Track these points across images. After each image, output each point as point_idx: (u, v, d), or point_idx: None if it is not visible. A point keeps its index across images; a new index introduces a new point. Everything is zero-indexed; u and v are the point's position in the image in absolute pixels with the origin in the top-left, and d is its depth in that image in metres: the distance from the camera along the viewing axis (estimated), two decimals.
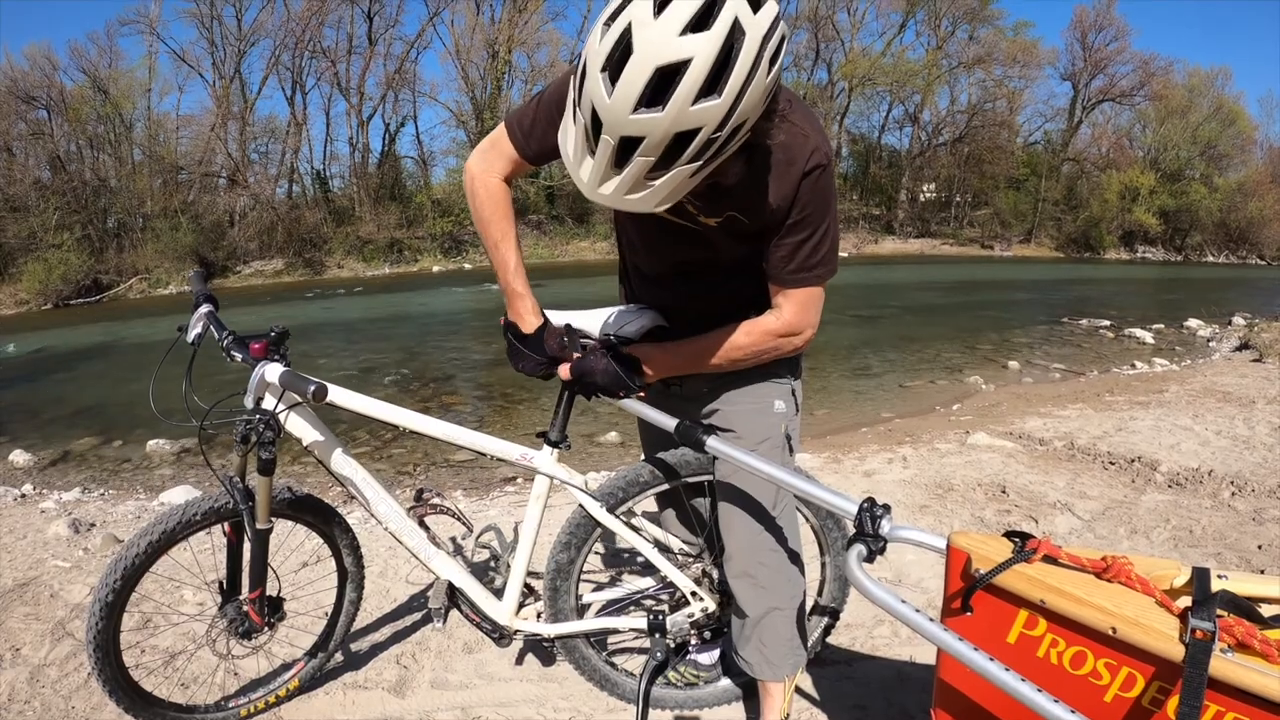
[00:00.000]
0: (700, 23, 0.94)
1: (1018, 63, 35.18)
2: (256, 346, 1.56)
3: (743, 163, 1.18)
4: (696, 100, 0.95)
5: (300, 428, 1.62)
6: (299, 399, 1.51)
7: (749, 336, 1.40)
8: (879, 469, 3.98)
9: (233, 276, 22.80)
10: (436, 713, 1.93)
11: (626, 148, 1.00)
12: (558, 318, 1.57)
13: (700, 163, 1.02)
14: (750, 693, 1.89)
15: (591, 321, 1.56)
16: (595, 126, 1.01)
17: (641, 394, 1.48)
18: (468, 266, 25.81)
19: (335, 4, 27.68)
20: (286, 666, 1.98)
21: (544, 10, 30.14)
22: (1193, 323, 11.60)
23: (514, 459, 1.65)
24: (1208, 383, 6.47)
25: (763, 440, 1.54)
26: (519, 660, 2.13)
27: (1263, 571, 2.62)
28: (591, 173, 1.05)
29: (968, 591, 1.08)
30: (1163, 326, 11.33)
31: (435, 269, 25.52)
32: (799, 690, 1.94)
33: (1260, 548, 2.83)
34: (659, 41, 0.94)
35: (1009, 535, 1.09)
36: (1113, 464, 3.94)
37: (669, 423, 1.48)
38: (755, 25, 0.96)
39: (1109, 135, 37.60)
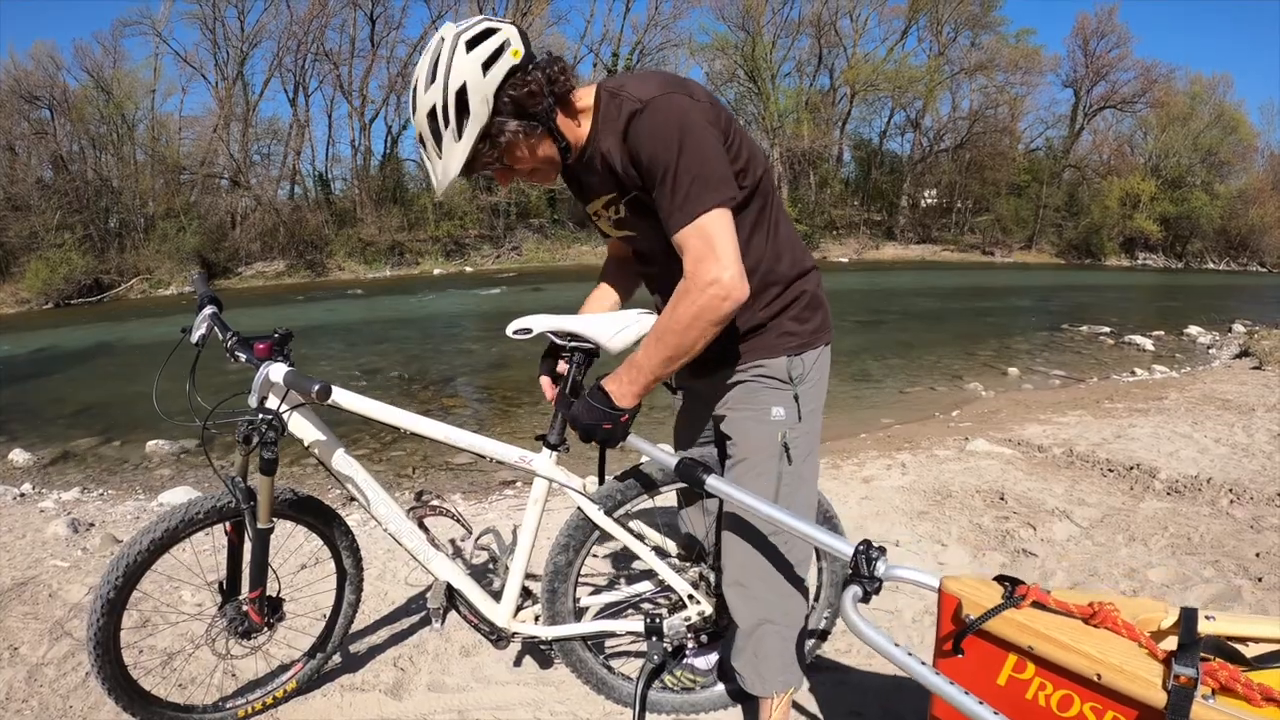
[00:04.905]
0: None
1: (1020, 69, 35.23)
2: (261, 347, 1.58)
3: (531, 140, 1.38)
4: (427, 89, 1.33)
5: (303, 428, 1.64)
6: (302, 399, 1.52)
7: (675, 310, 1.33)
8: (878, 475, 3.99)
9: (234, 278, 22.83)
10: (433, 715, 1.93)
11: (423, 142, 1.38)
12: (559, 322, 1.58)
13: (452, 127, 1.33)
14: (747, 698, 1.89)
15: (592, 326, 1.57)
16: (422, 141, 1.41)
17: (625, 418, 1.45)
18: (468, 270, 25.85)
19: (338, 7, 27.81)
20: (284, 668, 1.98)
21: (547, 14, 30.26)
22: (1193, 330, 11.60)
23: (513, 461, 1.66)
24: (1207, 390, 6.48)
25: (757, 450, 1.54)
26: (516, 663, 2.13)
27: (1260, 579, 2.63)
28: (431, 176, 1.43)
29: (959, 635, 1.10)
30: (1163, 333, 11.32)
31: (436, 272, 25.55)
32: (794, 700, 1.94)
33: (1258, 555, 2.84)
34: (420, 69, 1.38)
35: (999, 580, 1.11)
36: (1111, 471, 3.95)
37: (670, 461, 1.49)
38: (450, 37, 1.33)
39: (1110, 142, 37.64)
